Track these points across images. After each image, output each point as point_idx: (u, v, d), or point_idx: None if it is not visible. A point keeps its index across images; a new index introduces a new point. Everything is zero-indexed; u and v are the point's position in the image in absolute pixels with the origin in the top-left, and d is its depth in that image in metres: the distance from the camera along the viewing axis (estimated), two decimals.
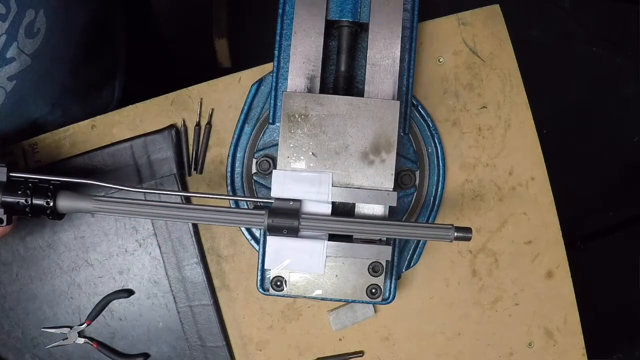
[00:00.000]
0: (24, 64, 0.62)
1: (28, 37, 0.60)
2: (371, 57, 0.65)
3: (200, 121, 0.76)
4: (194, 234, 0.75)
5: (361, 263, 0.64)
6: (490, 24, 0.77)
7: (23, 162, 0.75)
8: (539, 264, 0.77)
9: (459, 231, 0.58)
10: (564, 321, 0.77)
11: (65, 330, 0.76)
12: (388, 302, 0.69)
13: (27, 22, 0.59)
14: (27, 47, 0.61)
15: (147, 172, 0.75)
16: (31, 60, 0.62)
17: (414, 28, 0.69)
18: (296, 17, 0.65)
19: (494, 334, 0.77)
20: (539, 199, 0.77)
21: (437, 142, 0.75)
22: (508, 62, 0.77)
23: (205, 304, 0.75)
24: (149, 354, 0.76)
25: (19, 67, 0.61)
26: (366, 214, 0.63)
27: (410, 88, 0.70)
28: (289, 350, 0.77)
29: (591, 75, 1.93)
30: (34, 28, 0.61)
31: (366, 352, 0.77)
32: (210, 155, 0.76)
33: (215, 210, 0.58)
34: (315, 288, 0.64)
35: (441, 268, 0.77)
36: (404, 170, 0.71)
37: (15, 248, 0.76)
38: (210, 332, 0.75)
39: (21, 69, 0.61)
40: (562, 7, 1.93)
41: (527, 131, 0.77)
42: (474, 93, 0.77)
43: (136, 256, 0.76)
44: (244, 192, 0.73)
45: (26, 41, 0.60)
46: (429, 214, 0.74)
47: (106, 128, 0.76)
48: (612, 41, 1.92)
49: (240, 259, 0.76)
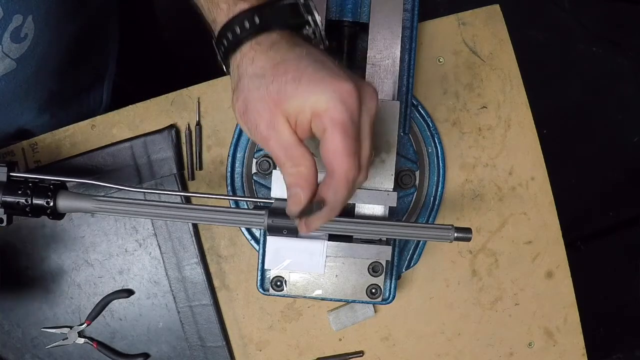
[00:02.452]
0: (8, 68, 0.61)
1: (14, 42, 0.60)
2: (371, 57, 0.65)
3: (200, 121, 0.76)
4: (194, 234, 0.75)
5: (361, 263, 0.64)
6: (490, 24, 0.77)
7: (23, 162, 0.75)
8: (539, 264, 0.77)
9: (459, 231, 0.58)
10: (564, 321, 0.77)
11: (65, 330, 0.76)
12: (388, 302, 0.69)
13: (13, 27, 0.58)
14: (13, 51, 0.60)
15: (147, 172, 0.75)
16: (16, 64, 0.62)
17: (414, 28, 0.69)
18: None
19: (494, 334, 0.77)
20: (539, 199, 0.77)
21: (437, 142, 0.75)
22: (508, 62, 0.77)
23: (205, 304, 0.75)
24: (149, 354, 0.76)
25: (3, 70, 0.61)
26: (366, 214, 0.63)
27: (410, 88, 0.70)
28: (289, 350, 0.77)
29: (591, 75, 1.93)
30: (21, 33, 0.60)
31: (366, 352, 0.77)
32: (210, 155, 0.76)
33: (215, 210, 0.58)
34: (315, 288, 0.64)
35: (441, 268, 0.77)
36: (404, 170, 0.71)
37: (15, 248, 0.76)
38: (210, 332, 0.75)
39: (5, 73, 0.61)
40: (562, 7, 1.93)
41: (527, 131, 0.77)
42: (474, 93, 0.77)
43: (136, 256, 0.76)
44: (244, 192, 0.73)
45: (12, 45, 0.60)
46: (429, 214, 0.74)
47: (106, 128, 0.76)
48: (612, 41, 1.92)
49: (240, 259, 0.76)
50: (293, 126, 0.46)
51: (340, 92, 0.44)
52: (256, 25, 0.48)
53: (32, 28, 0.61)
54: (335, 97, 0.44)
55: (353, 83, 0.45)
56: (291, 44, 0.48)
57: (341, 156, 0.45)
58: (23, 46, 0.61)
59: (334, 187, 0.47)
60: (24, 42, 0.61)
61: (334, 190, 0.47)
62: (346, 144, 0.45)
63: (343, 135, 0.44)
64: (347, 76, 0.45)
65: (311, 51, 0.47)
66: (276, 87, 0.45)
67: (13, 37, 0.59)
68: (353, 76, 0.47)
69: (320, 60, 0.47)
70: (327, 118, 0.44)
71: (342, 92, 0.44)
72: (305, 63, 0.46)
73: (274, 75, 0.45)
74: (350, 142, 0.45)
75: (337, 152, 0.45)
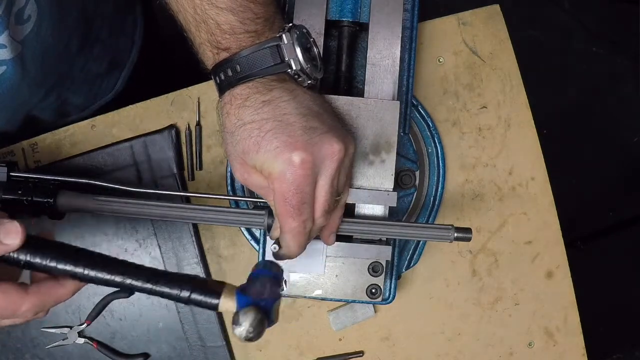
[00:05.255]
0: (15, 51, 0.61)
1: (18, 24, 0.59)
2: (371, 57, 0.65)
3: (200, 121, 0.76)
4: (194, 234, 0.75)
5: (361, 263, 0.64)
6: (490, 24, 0.77)
7: (23, 162, 0.75)
8: (539, 264, 0.77)
9: (459, 231, 0.58)
10: (564, 321, 0.77)
11: (65, 330, 0.76)
12: (388, 302, 0.69)
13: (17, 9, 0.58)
14: (17, 33, 0.60)
15: (147, 172, 0.75)
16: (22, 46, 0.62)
17: (414, 28, 0.69)
18: (296, 17, 0.65)
19: (494, 334, 0.77)
20: (539, 199, 0.77)
21: (437, 142, 0.75)
22: (508, 62, 0.77)
23: None
24: (149, 354, 0.76)
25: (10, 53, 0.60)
26: (366, 214, 0.63)
27: (410, 88, 0.70)
28: (289, 350, 0.77)
29: (591, 75, 1.93)
30: (24, 15, 0.60)
31: (366, 352, 0.77)
32: (210, 155, 0.76)
33: (215, 210, 0.58)
34: (315, 288, 0.64)
35: (441, 268, 0.77)
36: (404, 170, 0.71)
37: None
38: (210, 332, 0.75)
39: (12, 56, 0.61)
40: (562, 7, 1.93)
41: (527, 131, 0.77)
42: (474, 93, 0.77)
43: (136, 256, 0.76)
44: (244, 192, 0.73)
45: (16, 27, 0.59)
46: (429, 214, 0.74)
47: (106, 128, 0.76)
48: (612, 41, 1.92)
49: (240, 259, 0.76)
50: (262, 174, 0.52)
51: (289, 164, 0.49)
52: (237, 73, 0.52)
53: (35, 9, 0.61)
54: (283, 169, 0.49)
55: (306, 152, 0.49)
56: (260, 102, 0.51)
57: (283, 218, 0.52)
58: (26, 27, 0.61)
59: (283, 239, 0.54)
60: (28, 24, 0.61)
61: (284, 242, 0.54)
62: (286, 210, 0.51)
63: (283, 203, 0.51)
64: (303, 142, 0.50)
65: (280, 106, 0.51)
66: (241, 148, 0.51)
67: (17, 18, 0.59)
68: (316, 134, 0.51)
69: (286, 120, 0.50)
70: (273, 185, 0.51)
71: (291, 164, 0.49)
72: (268, 127, 0.50)
73: (240, 136, 0.51)
74: (290, 209, 0.51)
75: (279, 214, 0.52)
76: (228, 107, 0.52)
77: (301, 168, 0.49)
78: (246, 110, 0.51)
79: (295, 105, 0.51)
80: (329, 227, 0.57)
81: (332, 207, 0.54)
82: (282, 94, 0.52)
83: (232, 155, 0.53)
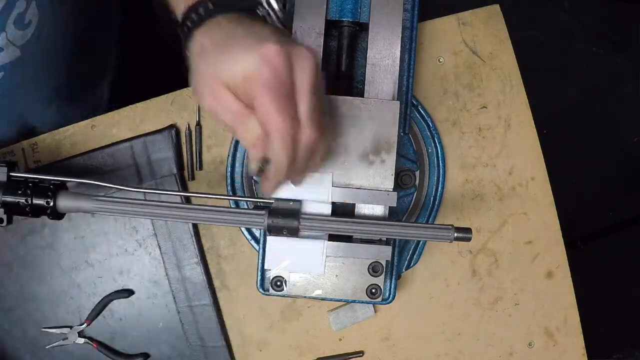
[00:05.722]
0: (12, 56, 0.61)
1: (18, 29, 0.59)
2: (371, 57, 0.65)
3: (200, 121, 0.76)
4: (194, 234, 0.75)
5: (361, 263, 0.64)
6: (490, 24, 0.77)
7: (23, 162, 0.75)
8: (539, 264, 0.77)
9: (459, 231, 0.58)
10: (564, 321, 0.77)
11: (65, 330, 0.76)
12: (388, 302, 0.69)
13: (17, 13, 0.58)
14: (17, 38, 0.60)
15: (147, 172, 0.75)
16: (21, 52, 0.62)
17: (414, 28, 0.69)
18: (296, 17, 0.65)
19: (494, 334, 0.77)
20: (539, 199, 0.77)
21: (437, 142, 0.75)
22: (508, 62, 0.77)
23: (205, 304, 0.75)
24: (149, 354, 0.76)
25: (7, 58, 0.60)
26: (366, 214, 0.63)
27: (410, 88, 0.70)
28: (289, 350, 0.77)
29: (591, 75, 1.93)
30: (25, 19, 0.59)
31: (366, 352, 0.77)
32: (210, 155, 0.76)
33: (215, 210, 0.58)
34: (315, 288, 0.64)
35: (441, 268, 0.77)
36: (404, 170, 0.71)
37: (15, 248, 0.76)
38: (210, 332, 0.75)
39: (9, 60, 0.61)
40: (562, 7, 1.93)
41: (527, 131, 0.77)
42: (474, 93, 0.77)
43: (136, 256, 0.76)
44: (244, 192, 0.73)
45: (16, 32, 0.59)
46: (429, 214, 0.74)
47: (106, 128, 0.76)
48: (612, 41, 1.92)
49: (240, 259, 0.76)
50: (235, 94, 0.47)
51: (265, 54, 0.46)
52: (209, 10, 0.50)
53: (36, 14, 0.60)
54: (260, 59, 0.45)
55: (279, 44, 0.46)
56: (235, 23, 0.50)
57: (271, 114, 0.46)
58: (27, 33, 0.61)
59: (272, 147, 0.48)
60: (28, 29, 0.61)
61: (273, 151, 0.48)
62: (273, 101, 0.46)
63: (269, 93, 0.45)
64: (275, 39, 0.47)
65: (253, 24, 0.49)
66: (212, 60, 0.48)
67: (17, 23, 0.59)
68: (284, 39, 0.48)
69: (254, 30, 0.48)
70: (255, 80, 0.46)
71: (267, 54, 0.45)
72: (238, 33, 0.48)
73: (211, 50, 0.48)
74: (278, 99, 0.46)
75: (266, 110, 0.46)
76: (199, 37, 0.50)
77: (278, 57, 0.46)
78: (221, 30, 0.50)
79: (268, 27, 0.50)
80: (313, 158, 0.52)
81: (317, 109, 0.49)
82: (254, 22, 0.50)
83: (202, 77, 0.49)
